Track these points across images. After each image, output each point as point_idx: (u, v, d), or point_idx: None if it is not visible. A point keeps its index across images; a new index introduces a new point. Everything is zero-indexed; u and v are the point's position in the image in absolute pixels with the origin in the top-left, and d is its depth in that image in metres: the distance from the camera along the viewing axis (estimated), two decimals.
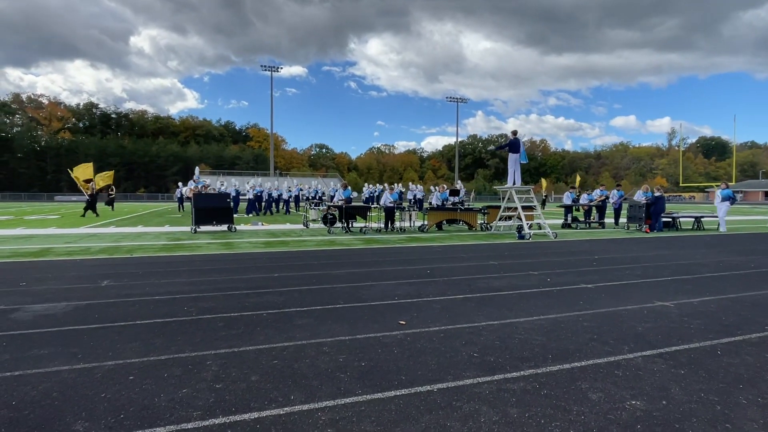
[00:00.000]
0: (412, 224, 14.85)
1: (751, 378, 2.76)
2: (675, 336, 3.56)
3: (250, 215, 21.04)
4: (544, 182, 38.35)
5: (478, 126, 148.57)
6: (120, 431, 2.11)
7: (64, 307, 4.41)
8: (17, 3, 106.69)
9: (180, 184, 26.54)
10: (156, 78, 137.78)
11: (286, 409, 2.34)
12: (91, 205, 19.95)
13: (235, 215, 15.11)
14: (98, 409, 2.32)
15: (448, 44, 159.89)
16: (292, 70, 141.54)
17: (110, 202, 27.47)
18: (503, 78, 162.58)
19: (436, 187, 17.62)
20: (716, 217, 15.75)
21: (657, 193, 14.05)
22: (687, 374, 2.81)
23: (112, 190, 26.50)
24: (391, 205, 14.28)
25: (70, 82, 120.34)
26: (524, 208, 12.74)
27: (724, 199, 14.35)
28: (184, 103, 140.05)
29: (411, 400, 2.44)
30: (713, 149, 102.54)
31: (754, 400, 2.46)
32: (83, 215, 19.55)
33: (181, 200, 25.73)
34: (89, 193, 20.26)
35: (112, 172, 26.14)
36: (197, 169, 18.75)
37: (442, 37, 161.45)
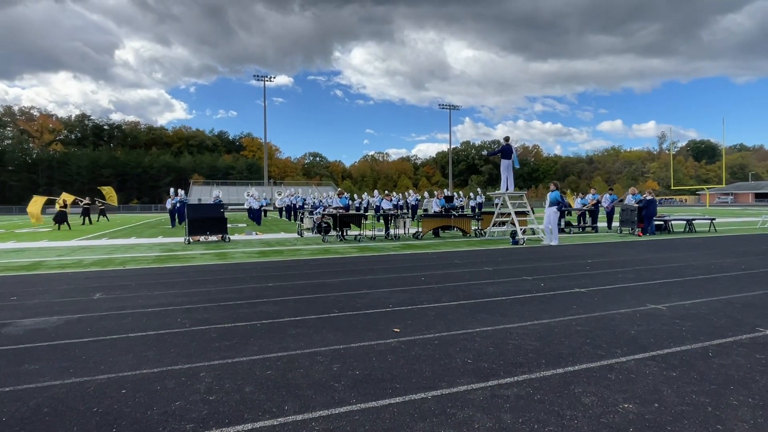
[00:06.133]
0: (407, 231, 14.87)
1: (741, 379, 2.79)
2: (667, 338, 3.59)
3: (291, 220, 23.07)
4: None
5: (467, 133, 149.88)
6: None
7: (55, 321, 4.37)
8: None
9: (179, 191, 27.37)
10: (142, 89, 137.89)
11: (280, 419, 2.33)
12: (61, 219, 19.90)
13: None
14: (90, 424, 2.30)
15: (432, 52, 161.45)
16: (278, 80, 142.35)
17: (102, 213, 27.84)
18: (489, 85, 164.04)
19: (435, 192, 17.75)
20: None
21: (648, 197, 14.19)
22: (679, 376, 2.83)
23: (98, 202, 27.09)
24: (392, 212, 14.51)
25: (56, 94, 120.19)
26: (517, 213, 12.80)
27: (551, 204, 11.74)
28: (172, 114, 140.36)
29: (405, 407, 2.45)
30: (703, 152, 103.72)
31: (744, 401, 2.49)
32: (58, 228, 19.45)
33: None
34: (60, 206, 20.33)
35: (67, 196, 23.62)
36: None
37: (425, 45, 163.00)
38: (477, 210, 23.57)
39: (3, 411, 2.46)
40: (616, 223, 15.89)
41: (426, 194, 29.55)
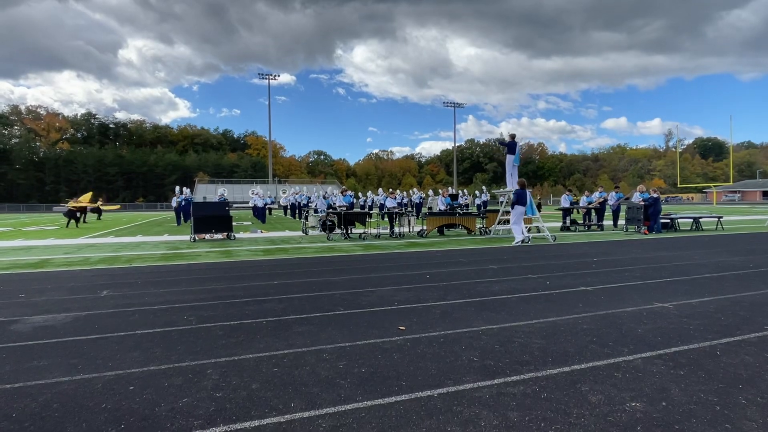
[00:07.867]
0: (411, 230, 14.86)
1: (750, 378, 2.77)
2: (674, 337, 3.57)
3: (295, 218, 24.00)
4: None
5: (470, 130, 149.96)
6: None
7: (63, 318, 4.41)
8: (0, 16, 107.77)
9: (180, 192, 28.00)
10: (145, 88, 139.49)
11: (286, 416, 2.34)
12: (71, 216, 20.73)
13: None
14: (98, 420, 2.32)
15: (434, 50, 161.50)
16: (280, 78, 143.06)
17: (98, 212, 28.84)
18: (491, 83, 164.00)
19: (440, 190, 17.74)
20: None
21: (654, 195, 14.09)
22: (686, 375, 2.82)
23: (99, 201, 28.61)
24: (396, 210, 14.55)
25: (61, 93, 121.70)
26: None
27: (512, 203, 11.37)
28: (176, 112, 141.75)
29: (411, 405, 2.45)
30: (710, 150, 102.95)
31: (753, 400, 2.47)
32: (77, 226, 20.10)
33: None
34: (73, 208, 20.97)
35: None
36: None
37: (427, 42, 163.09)
38: (482, 208, 23.52)
39: (13, 407, 2.49)
40: (621, 221, 15.80)
41: (431, 192, 29.53)
